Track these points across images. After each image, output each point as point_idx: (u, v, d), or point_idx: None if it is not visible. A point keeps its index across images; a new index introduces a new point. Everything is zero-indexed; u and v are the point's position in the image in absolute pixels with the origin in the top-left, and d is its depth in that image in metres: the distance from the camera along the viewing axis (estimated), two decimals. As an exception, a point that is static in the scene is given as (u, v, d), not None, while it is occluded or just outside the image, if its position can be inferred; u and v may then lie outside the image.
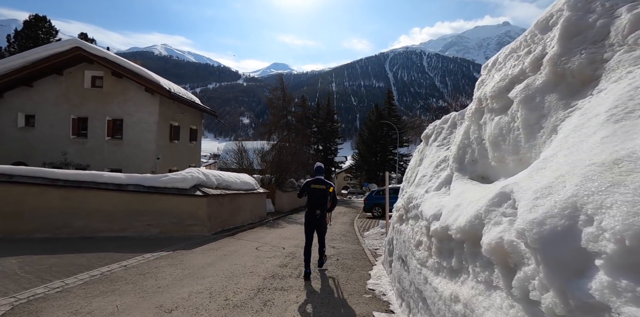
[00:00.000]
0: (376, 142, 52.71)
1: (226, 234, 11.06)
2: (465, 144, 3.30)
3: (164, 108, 19.74)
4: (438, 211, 2.85)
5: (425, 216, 3.20)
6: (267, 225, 14.47)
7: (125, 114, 19.25)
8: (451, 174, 3.43)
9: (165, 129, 20.32)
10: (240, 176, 14.45)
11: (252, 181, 15.31)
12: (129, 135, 19.27)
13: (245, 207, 13.77)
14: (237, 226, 12.74)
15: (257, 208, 15.46)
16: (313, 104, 59.48)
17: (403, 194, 5.55)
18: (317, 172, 6.80)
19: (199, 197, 10.30)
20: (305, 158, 31.37)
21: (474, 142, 3.14)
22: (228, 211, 12.09)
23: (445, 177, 3.52)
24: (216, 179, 11.76)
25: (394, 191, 21.49)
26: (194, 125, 24.40)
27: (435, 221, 2.84)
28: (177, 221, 10.07)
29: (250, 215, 14.37)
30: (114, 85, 19.33)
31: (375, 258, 8.08)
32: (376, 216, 19.42)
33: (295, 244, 9.85)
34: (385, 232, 8.63)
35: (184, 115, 22.21)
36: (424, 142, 5.54)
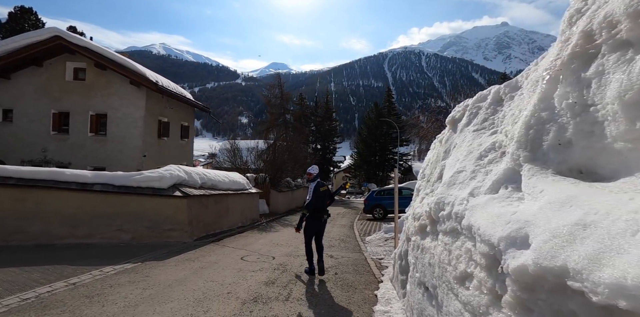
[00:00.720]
0: (375, 141, 51.44)
1: (210, 239, 9.80)
2: (543, 118, 2.03)
3: (152, 102, 18.48)
4: (517, 231, 1.60)
5: (481, 234, 1.94)
6: (259, 228, 13.21)
7: (110, 108, 17.97)
8: (514, 167, 2.18)
9: (153, 124, 19.04)
10: (230, 174, 13.19)
11: (242, 180, 14.06)
12: (113, 131, 17.99)
13: (234, 209, 12.51)
14: (224, 230, 11.47)
15: (249, 210, 14.20)
16: (312, 103, 58.18)
17: (422, 196, 4.30)
18: (318, 175, 6.57)
19: (179, 198, 9.03)
20: (302, 156, 30.12)
21: (563, 114, 1.87)
22: (213, 213, 10.83)
23: (504, 173, 2.27)
24: (200, 178, 10.50)
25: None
26: (185, 122, 23.13)
27: (513, 250, 1.58)
28: (153, 225, 8.80)
29: (240, 217, 13.11)
30: (98, 78, 18.04)
31: (381, 271, 6.82)
32: (377, 217, 18.17)
33: (287, 252, 8.59)
34: (394, 240, 7.36)
35: (173, 110, 20.93)
36: (450, 128, 4.29)
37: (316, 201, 6.19)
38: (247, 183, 14.48)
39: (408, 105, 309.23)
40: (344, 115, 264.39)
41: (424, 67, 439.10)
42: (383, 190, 19.47)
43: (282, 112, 51.83)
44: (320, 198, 6.24)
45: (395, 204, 8.37)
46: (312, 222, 6.31)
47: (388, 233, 10.29)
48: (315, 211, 6.25)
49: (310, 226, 6.34)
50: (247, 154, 22.29)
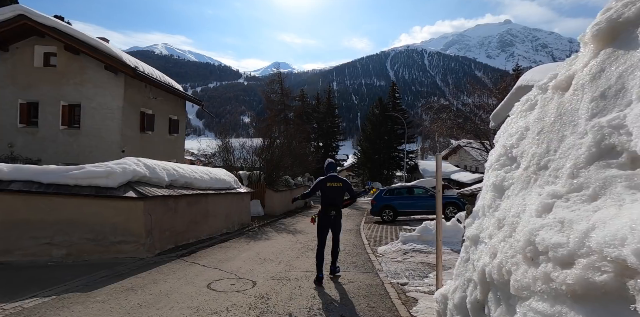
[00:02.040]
0: (380, 138, 49.10)
1: (179, 253, 7.58)
2: None
3: (132, 91, 16.33)
4: None
5: None
6: (248, 236, 10.98)
7: (84, 97, 15.79)
8: None
9: (134, 116, 16.87)
10: (212, 170, 10.98)
11: (229, 177, 11.84)
12: (88, 124, 15.81)
13: (216, 213, 10.28)
14: (202, 240, 9.25)
15: (237, 213, 11.98)
16: (314, 102, 55.94)
17: (533, 197, 2.04)
18: (330, 169, 6.43)
19: (132, 201, 6.82)
20: (302, 153, 27.92)
21: None
22: (186, 218, 8.60)
23: None
24: (168, 174, 8.27)
25: (407, 189, 18.05)
26: (174, 115, 20.94)
27: None
28: (96, 236, 6.59)
29: (224, 222, 10.89)
30: (70, 64, 15.86)
31: (409, 308, 4.59)
32: (387, 220, 15.92)
33: (275, 272, 6.35)
34: (436, 255, 5.06)
35: (159, 101, 18.74)
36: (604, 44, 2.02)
37: (324, 197, 6.13)
38: (235, 181, 12.26)
39: (411, 104, 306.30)
40: (347, 115, 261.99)
41: (427, 65, 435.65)
42: (393, 189, 17.22)
43: (282, 109, 49.67)
44: (331, 194, 6.11)
45: (438, 212, 4.95)
46: (322, 218, 6.15)
47: (407, 244, 8.04)
48: (325, 206, 6.12)
49: (320, 222, 6.16)
50: (241, 151, 20.04)
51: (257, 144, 20.80)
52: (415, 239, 8.15)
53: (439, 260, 4.31)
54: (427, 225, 8.34)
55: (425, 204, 15.86)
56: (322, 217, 6.14)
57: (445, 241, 7.98)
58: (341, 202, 6.21)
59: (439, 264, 4.31)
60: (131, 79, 16.03)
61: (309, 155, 39.64)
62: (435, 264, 4.38)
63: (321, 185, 6.15)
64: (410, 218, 16.59)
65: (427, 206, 15.83)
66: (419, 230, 8.33)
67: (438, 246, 4.28)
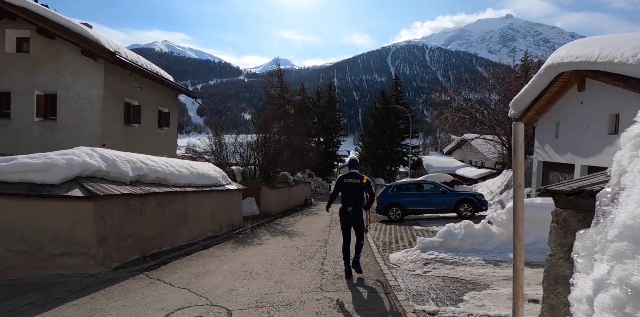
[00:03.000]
0: (382, 133, 47.51)
1: (144, 266, 6.09)
2: None
3: (114, 80, 14.83)
4: None
5: None
6: (237, 240, 9.49)
7: (60, 86, 14.27)
8: None
9: (117, 107, 15.37)
10: (194, 164, 9.47)
11: (216, 173, 10.32)
12: (65, 115, 14.30)
13: (198, 214, 8.78)
14: (179, 247, 7.76)
15: (225, 213, 10.48)
16: (314, 97, 54.26)
17: None
18: (352, 165, 6.42)
19: (79, 201, 5.32)
20: (301, 147, 26.41)
21: None
22: (157, 222, 7.10)
23: None
24: (134, 168, 6.77)
25: (416, 185, 16.48)
26: (164, 108, 19.40)
27: None
28: (29, 248, 5.10)
29: (209, 224, 9.39)
30: (44, 49, 14.32)
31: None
32: (394, 219, 14.40)
33: (263, 293, 4.84)
34: (513, 282, 3.41)
35: (145, 91, 17.20)
36: None
37: (343, 194, 6.10)
38: (223, 177, 10.75)
39: (412, 100, 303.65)
40: (348, 111, 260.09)
41: (428, 61, 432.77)
42: (400, 185, 15.68)
43: (281, 103, 48.14)
44: (349, 190, 6.04)
45: (518, 215, 2.88)
46: (341, 214, 6.15)
47: (427, 252, 6.51)
48: (344, 202, 6.08)
49: (340, 218, 6.20)
50: (235, 145, 18.50)
51: (254, 139, 19.26)
52: (436, 245, 6.64)
53: (518, 290, 2.65)
54: (451, 228, 6.82)
55: (437, 201, 14.35)
56: (340, 214, 6.14)
57: (475, 248, 6.47)
58: (361, 200, 6.04)
59: (519, 300, 2.65)
60: (112, 66, 14.53)
61: (310, 151, 38.12)
62: (512, 296, 2.81)
63: (341, 181, 6.18)
64: (420, 217, 15.09)
65: (439, 203, 14.32)
66: (441, 234, 6.81)
67: (517, 266, 2.66)
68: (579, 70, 9.43)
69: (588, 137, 9.78)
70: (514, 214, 2.53)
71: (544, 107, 12.24)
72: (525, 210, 6.55)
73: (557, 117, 11.59)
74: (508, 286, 4.97)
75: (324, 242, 9.52)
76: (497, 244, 6.40)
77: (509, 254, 6.16)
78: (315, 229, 12.36)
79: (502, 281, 5.18)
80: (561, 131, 11.32)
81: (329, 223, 14.02)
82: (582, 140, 10.08)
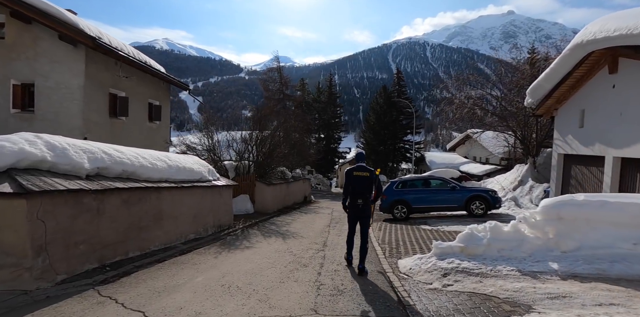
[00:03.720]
0: (384, 129, 46.26)
1: (97, 279, 4.95)
2: None
3: (97, 68, 13.70)
4: None
5: None
6: (224, 242, 8.34)
7: (38, 75, 13.13)
8: None
9: (101, 98, 14.25)
10: (174, 156, 8.33)
11: (201, 167, 9.17)
12: (43, 107, 13.18)
13: (177, 213, 7.63)
14: (151, 252, 6.61)
15: (211, 212, 9.33)
16: (315, 92, 52.91)
17: None
18: (359, 159, 6.49)
19: (5, 199, 4.17)
20: (302, 143, 25.25)
21: None
22: (122, 223, 5.95)
23: None
24: (92, 159, 5.62)
25: (423, 181, 15.28)
26: (156, 100, 18.25)
27: None
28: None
29: (191, 225, 8.24)
30: (21, 35, 13.15)
31: None
32: (399, 217, 13.25)
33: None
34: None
35: (133, 82, 16.06)
36: None
37: (352, 186, 6.02)
38: (210, 172, 9.59)
39: (413, 97, 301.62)
40: (349, 108, 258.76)
41: (429, 57, 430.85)
42: (406, 181, 14.48)
43: (281, 98, 46.86)
44: (356, 183, 5.97)
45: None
46: (350, 209, 6.09)
47: (446, 259, 5.33)
48: (352, 195, 6.00)
49: (349, 211, 6.13)
50: (228, 138, 17.33)
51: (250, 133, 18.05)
52: (457, 252, 5.47)
53: None
54: (474, 231, 5.64)
55: (445, 198, 13.17)
56: (350, 206, 6.12)
57: (505, 256, 5.31)
58: (369, 193, 6.03)
59: None
60: (95, 54, 13.40)
61: (310, 147, 36.93)
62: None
63: (349, 174, 6.13)
64: (427, 215, 13.93)
65: (448, 200, 13.14)
66: (462, 238, 5.63)
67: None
68: (612, 49, 8.25)
69: (622, 125, 8.60)
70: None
71: (565, 93, 11.05)
72: (566, 209, 5.36)
73: (582, 104, 10.40)
74: (558, 307, 3.80)
75: (322, 245, 8.36)
76: (531, 250, 5.23)
77: (548, 263, 4.99)
78: (314, 229, 11.21)
79: (547, 301, 4.01)
80: (587, 120, 10.14)
81: (328, 222, 12.87)
82: (614, 129, 8.90)
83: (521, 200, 13.73)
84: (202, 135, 15.91)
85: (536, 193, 13.13)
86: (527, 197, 13.51)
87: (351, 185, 6.04)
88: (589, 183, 10.03)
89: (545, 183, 13.74)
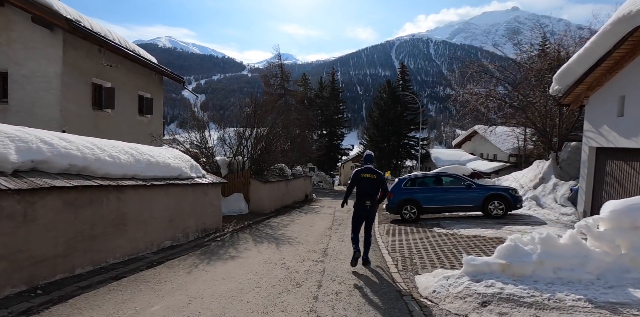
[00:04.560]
0: (388, 125, 44.80)
1: (19, 308, 3.66)
2: None
3: (77, 55, 12.49)
4: None
5: None
6: (205, 251, 7.04)
7: (12, 62, 11.92)
8: None
9: (83, 88, 13.02)
10: (144, 149, 7.01)
11: (179, 161, 7.86)
12: (18, 97, 11.98)
13: (147, 217, 6.33)
14: (109, 265, 5.31)
15: (194, 213, 8.04)
16: (317, 90, 51.46)
17: None
18: (367, 160, 6.43)
19: None
20: (301, 138, 23.92)
21: None
22: (62, 232, 4.65)
23: None
24: (23, 150, 4.33)
25: (434, 178, 13.90)
26: (147, 93, 16.99)
27: None
28: None
29: (166, 231, 6.94)
30: (-8, 18, 11.94)
31: None
32: (408, 219, 11.91)
33: None
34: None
35: (120, 72, 14.81)
36: None
37: (359, 188, 6.18)
38: (193, 168, 8.30)
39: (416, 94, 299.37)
40: (351, 105, 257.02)
41: (432, 54, 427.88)
42: (415, 178, 13.11)
43: (282, 93, 45.52)
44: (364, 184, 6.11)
45: None
46: (357, 207, 6.19)
47: (483, 281, 3.99)
48: (360, 196, 6.14)
49: (355, 211, 6.22)
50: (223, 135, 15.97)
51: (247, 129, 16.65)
52: (496, 271, 4.14)
53: None
54: (518, 243, 4.29)
55: (460, 197, 11.83)
56: (357, 207, 6.18)
57: (564, 277, 3.97)
58: (376, 193, 6.17)
59: None
60: (74, 39, 12.16)
61: (312, 143, 35.58)
62: None
63: (357, 176, 6.21)
64: (438, 216, 12.61)
65: (463, 200, 11.79)
66: (502, 252, 4.28)
67: None
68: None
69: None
70: None
71: (600, 78, 9.67)
72: (632, 214, 4.02)
73: (622, 89, 9.03)
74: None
75: (321, 253, 7.05)
76: (599, 271, 3.91)
77: (628, 289, 3.65)
78: (313, 232, 9.91)
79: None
80: (629, 107, 8.76)
81: (330, 224, 11.56)
82: (665, 117, 7.54)
83: (543, 199, 12.38)
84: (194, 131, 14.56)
85: (561, 191, 11.77)
86: (550, 196, 12.15)
87: (358, 186, 6.16)
88: (631, 181, 8.68)
89: (571, 180, 12.38)
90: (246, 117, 15.02)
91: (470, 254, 6.54)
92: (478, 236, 8.84)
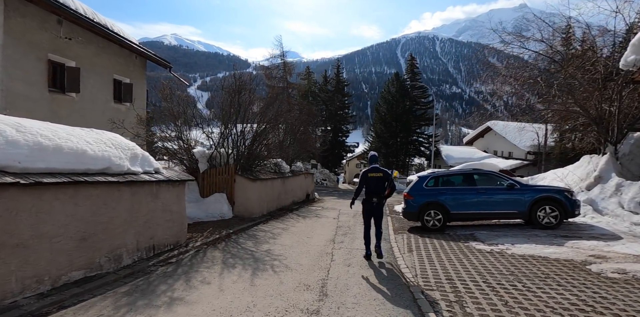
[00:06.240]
0: (396, 120, 42.09)
1: None
2: None
3: (26, 25, 10.17)
4: None
5: None
6: (134, 287, 4.53)
7: (-59, 32, 9.52)
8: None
9: (33, 65, 10.63)
10: (34, 124, 4.49)
11: (109, 148, 5.34)
12: (-52, 74, 9.58)
13: (25, 237, 3.82)
14: None
15: (133, 226, 5.52)
16: (321, 84, 48.83)
17: None
18: (372, 161, 6.76)
19: None
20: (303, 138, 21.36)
21: None
22: None
23: None
24: None
25: (464, 176, 11.05)
26: (126, 77, 14.59)
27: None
28: None
29: (77, 256, 4.43)
30: None
31: None
32: (431, 227, 9.32)
33: None
34: None
35: (88, 50, 12.43)
36: None
37: (367, 187, 6.53)
38: (134, 158, 5.78)
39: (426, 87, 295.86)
40: (357, 103, 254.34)
41: (438, 52, 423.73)
42: (439, 176, 10.43)
43: (284, 86, 42.95)
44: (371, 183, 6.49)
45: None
46: (365, 205, 6.58)
47: None
48: (367, 195, 6.52)
49: (364, 208, 6.62)
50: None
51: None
52: None
53: None
54: None
55: (499, 200, 9.21)
56: (365, 204, 6.55)
57: None
58: (383, 191, 6.51)
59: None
60: (21, 4, 9.78)
61: (316, 140, 32.97)
62: None
63: (365, 176, 6.54)
64: (468, 224, 10.04)
65: (503, 204, 9.16)
66: None
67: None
68: None
69: None
70: None
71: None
72: None
73: None
74: None
75: (318, 292, 4.49)
76: None
77: None
78: (310, 248, 7.35)
79: None
80: None
81: (333, 233, 8.99)
82: None
83: (602, 204, 9.76)
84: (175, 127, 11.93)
85: (630, 195, 9.13)
86: (612, 200, 9.53)
87: (366, 185, 6.52)
88: None
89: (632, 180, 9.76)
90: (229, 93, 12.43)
91: (550, 294, 3.99)
92: (539, 257, 6.29)
